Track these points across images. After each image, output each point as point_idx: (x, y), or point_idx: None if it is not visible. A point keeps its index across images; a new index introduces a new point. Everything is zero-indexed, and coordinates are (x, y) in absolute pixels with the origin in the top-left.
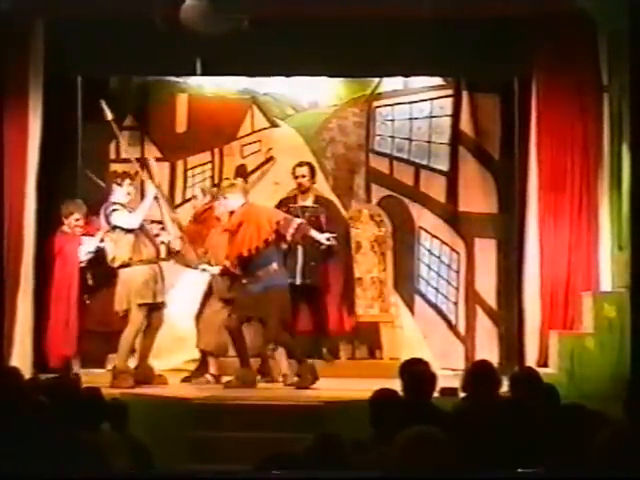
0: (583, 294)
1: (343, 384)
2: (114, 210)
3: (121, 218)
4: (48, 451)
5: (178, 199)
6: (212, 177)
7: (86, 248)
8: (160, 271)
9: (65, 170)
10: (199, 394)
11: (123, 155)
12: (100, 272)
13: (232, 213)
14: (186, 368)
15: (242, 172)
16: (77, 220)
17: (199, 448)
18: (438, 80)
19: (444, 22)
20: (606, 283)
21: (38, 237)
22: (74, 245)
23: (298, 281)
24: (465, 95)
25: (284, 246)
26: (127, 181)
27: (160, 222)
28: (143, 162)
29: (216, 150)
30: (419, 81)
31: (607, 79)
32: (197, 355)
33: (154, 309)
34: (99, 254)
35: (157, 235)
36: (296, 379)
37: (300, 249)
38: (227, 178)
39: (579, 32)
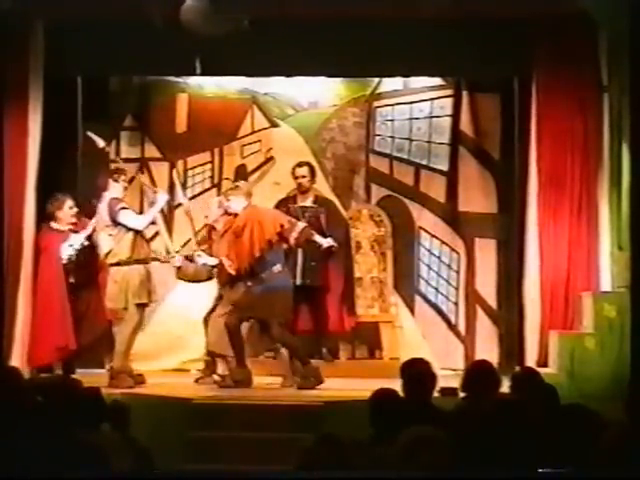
0: (583, 294)
1: (343, 384)
2: (122, 208)
3: (129, 217)
4: (48, 451)
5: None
6: (212, 177)
7: (70, 244)
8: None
9: (65, 170)
10: (199, 394)
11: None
12: (83, 270)
13: (236, 216)
14: (185, 368)
15: (242, 172)
16: (71, 208)
17: (199, 448)
18: (438, 80)
19: (444, 22)
20: (606, 283)
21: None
22: (60, 241)
23: (298, 281)
24: (465, 95)
25: (286, 248)
26: (122, 177)
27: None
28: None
29: (216, 150)
30: (419, 81)
31: (607, 79)
32: (197, 355)
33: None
34: (84, 251)
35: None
36: (299, 380)
37: (300, 250)
38: (227, 178)
39: (579, 32)
